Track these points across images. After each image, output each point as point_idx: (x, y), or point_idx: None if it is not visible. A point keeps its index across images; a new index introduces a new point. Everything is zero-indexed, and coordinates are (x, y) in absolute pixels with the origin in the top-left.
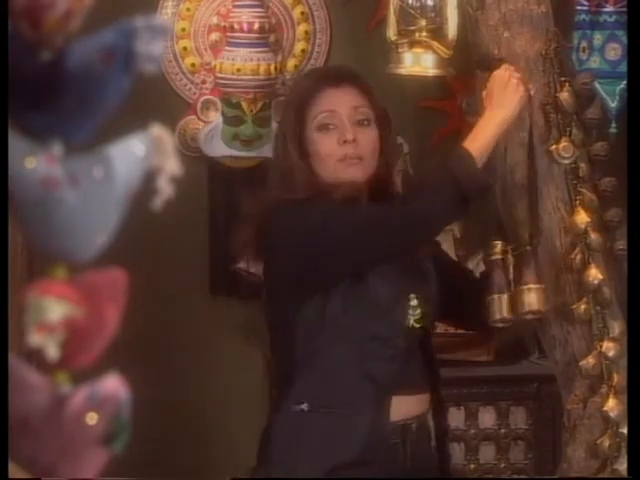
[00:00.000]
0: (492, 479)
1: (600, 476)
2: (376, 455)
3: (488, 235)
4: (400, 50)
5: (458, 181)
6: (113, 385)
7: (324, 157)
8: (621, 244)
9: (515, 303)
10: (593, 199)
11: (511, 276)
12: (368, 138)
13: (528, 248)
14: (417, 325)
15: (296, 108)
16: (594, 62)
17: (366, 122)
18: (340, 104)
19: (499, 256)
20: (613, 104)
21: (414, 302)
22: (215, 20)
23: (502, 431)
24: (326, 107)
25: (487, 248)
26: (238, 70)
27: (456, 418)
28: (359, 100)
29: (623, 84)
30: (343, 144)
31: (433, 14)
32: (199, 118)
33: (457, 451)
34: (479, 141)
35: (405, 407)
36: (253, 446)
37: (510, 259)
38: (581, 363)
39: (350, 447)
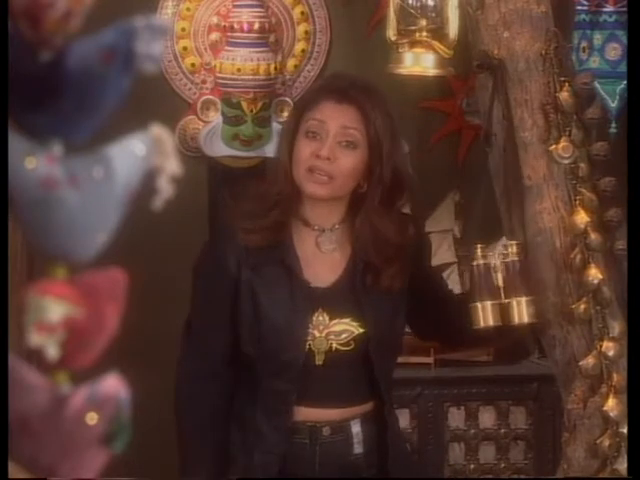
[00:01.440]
0: (492, 479)
1: (600, 476)
2: (285, 454)
3: (488, 235)
4: (400, 50)
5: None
6: (113, 385)
7: (297, 161)
8: (621, 244)
9: (502, 313)
10: (593, 199)
11: (497, 282)
12: (347, 161)
13: (516, 259)
14: (345, 348)
15: (297, 108)
16: (594, 62)
17: (352, 145)
18: (332, 119)
19: (480, 261)
20: (613, 104)
21: (338, 327)
22: (215, 20)
23: (502, 431)
24: (318, 116)
25: (470, 253)
26: (238, 70)
27: (456, 418)
28: (353, 122)
29: (623, 84)
30: (316, 158)
31: (434, 14)
32: (199, 118)
33: (457, 451)
34: None
35: (316, 414)
36: None
37: (496, 265)
38: (581, 363)
39: (252, 451)
